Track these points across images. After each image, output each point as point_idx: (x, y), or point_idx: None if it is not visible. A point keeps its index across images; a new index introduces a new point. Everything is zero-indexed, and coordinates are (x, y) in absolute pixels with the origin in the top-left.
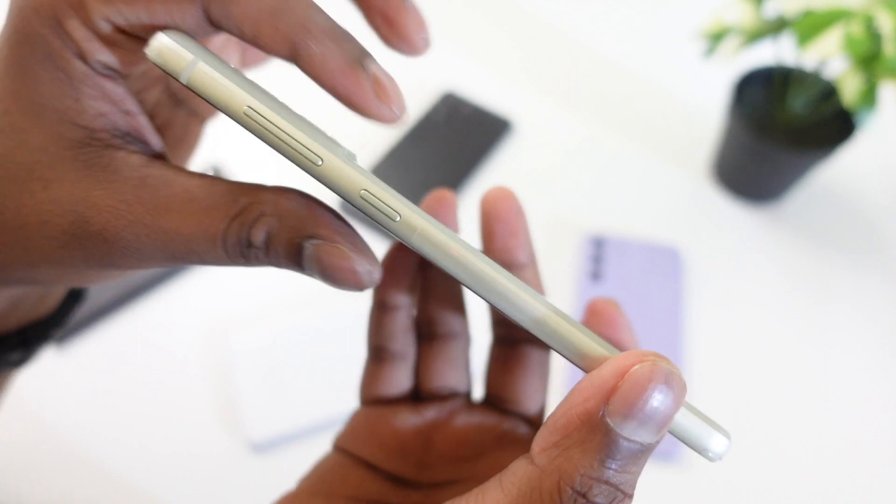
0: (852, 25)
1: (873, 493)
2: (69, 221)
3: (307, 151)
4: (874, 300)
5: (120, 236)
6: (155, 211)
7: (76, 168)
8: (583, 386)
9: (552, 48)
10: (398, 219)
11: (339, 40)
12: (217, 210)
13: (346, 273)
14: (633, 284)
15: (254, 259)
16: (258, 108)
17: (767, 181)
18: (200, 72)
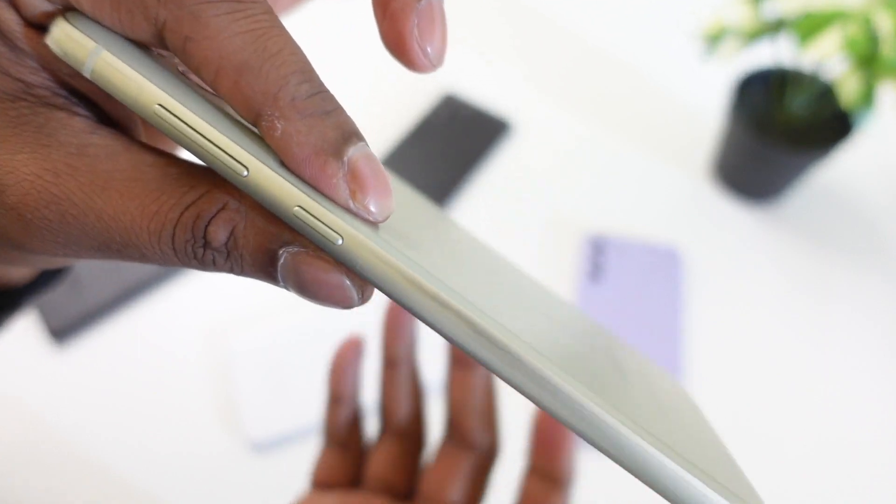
0: (851, 26)
1: (873, 492)
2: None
3: (229, 159)
4: (874, 300)
5: (40, 214)
6: (90, 187)
7: (2, 125)
8: None
9: (552, 49)
10: (339, 242)
11: (314, 119)
12: (168, 194)
13: (331, 289)
14: (633, 284)
15: (209, 263)
16: (171, 105)
17: (767, 181)
18: (104, 62)
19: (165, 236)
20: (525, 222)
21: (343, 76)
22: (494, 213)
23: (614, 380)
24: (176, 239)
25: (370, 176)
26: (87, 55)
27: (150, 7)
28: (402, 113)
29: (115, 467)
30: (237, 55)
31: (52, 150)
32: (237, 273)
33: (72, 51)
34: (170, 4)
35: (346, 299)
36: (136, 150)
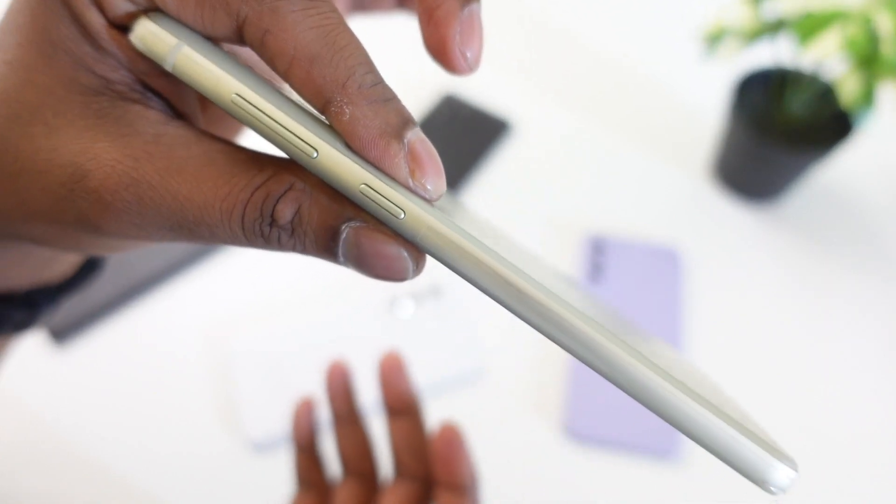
0: (850, 26)
1: (873, 492)
2: (67, 174)
3: (300, 142)
4: (874, 300)
5: (119, 196)
6: (166, 171)
7: (84, 116)
8: None
9: (552, 49)
10: (402, 216)
11: (378, 106)
12: (239, 176)
13: (391, 261)
14: (633, 284)
15: (274, 241)
16: (247, 95)
17: (767, 181)
18: (185, 56)
19: (236, 215)
20: (525, 222)
21: None
22: (494, 212)
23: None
24: (246, 217)
25: (426, 157)
26: (168, 51)
27: (232, 4)
28: None
29: (115, 467)
30: (310, 47)
31: (131, 139)
32: (300, 251)
33: (155, 47)
34: (251, 1)
35: (402, 271)
36: (206, 138)
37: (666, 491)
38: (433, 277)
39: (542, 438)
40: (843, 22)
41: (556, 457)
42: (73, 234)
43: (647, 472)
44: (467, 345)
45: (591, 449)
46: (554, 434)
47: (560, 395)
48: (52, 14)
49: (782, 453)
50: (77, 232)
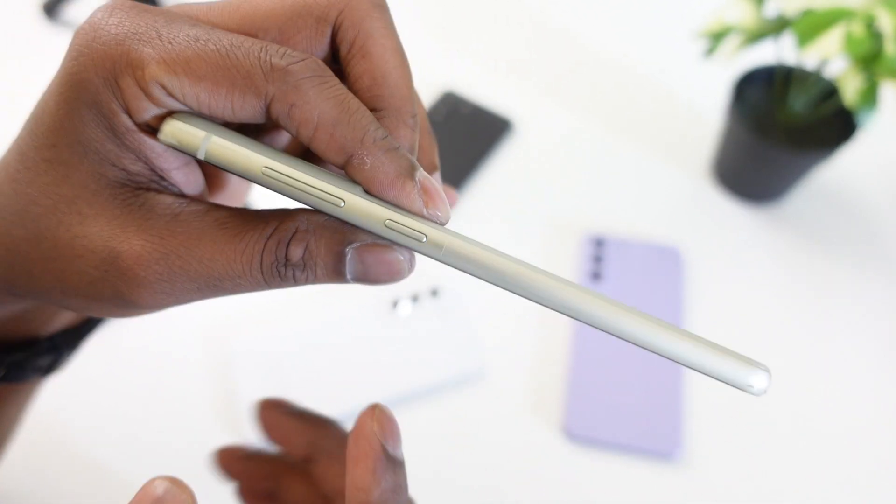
0: (853, 25)
1: (873, 491)
2: (101, 258)
3: (329, 196)
4: (874, 300)
5: (152, 270)
6: (188, 241)
7: (113, 206)
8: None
9: (552, 47)
10: (424, 239)
11: (392, 154)
12: (251, 232)
13: (392, 265)
14: (633, 284)
15: (290, 278)
16: (275, 166)
17: (767, 181)
18: (215, 145)
19: (255, 263)
20: (526, 222)
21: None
22: (495, 212)
23: None
24: (264, 263)
25: (434, 191)
26: (199, 141)
27: (259, 86)
28: None
29: (114, 467)
30: (330, 114)
31: (154, 221)
32: (312, 281)
33: (186, 140)
34: (276, 82)
35: (402, 271)
36: (215, 209)
37: (666, 491)
38: (432, 279)
39: (542, 439)
40: (845, 21)
41: (556, 458)
42: (109, 308)
43: (647, 472)
44: (467, 346)
45: (591, 450)
46: (554, 435)
47: (560, 395)
48: (85, 118)
49: (757, 362)
50: (113, 307)
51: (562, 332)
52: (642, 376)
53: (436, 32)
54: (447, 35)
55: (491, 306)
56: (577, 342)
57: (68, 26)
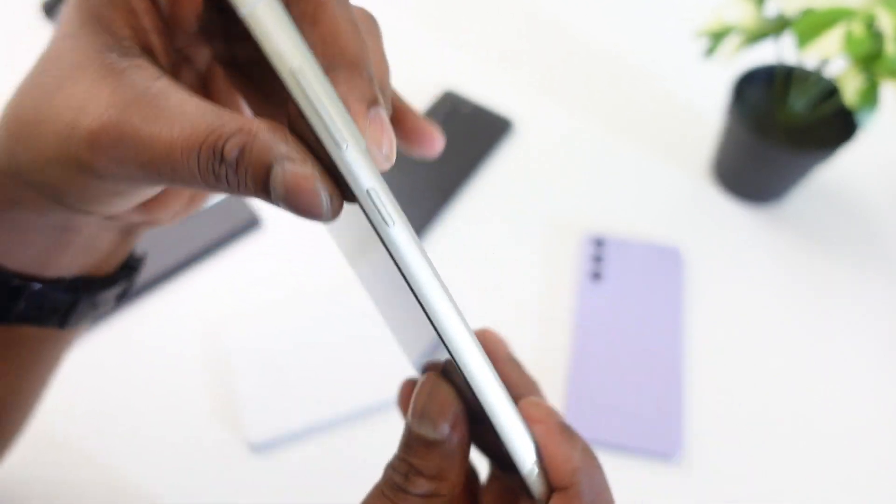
0: (853, 25)
1: (874, 491)
2: (72, 116)
3: (337, 132)
4: (875, 300)
5: (106, 133)
6: (146, 116)
7: (97, 69)
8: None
9: (552, 47)
10: (392, 225)
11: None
12: (202, 123)
13: (308, 196)
14: (633, 284)
15: (223, 179)
16: (307, 72)
17: (767, 181)
18: (266, 8)
19: (193, 154)
20: (526, 222)
21: None
22: (495, 212)
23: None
24: (201, 156)
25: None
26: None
27: None
28: None
29: (114, 467)
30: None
31: (126, 89)
32: (243, 190)
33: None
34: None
35: (318, 207)
36: (185, 93)
37: (666, 491)
38: None
39: None
40: (845, 21)
41: None
42: (74, 178)
43: (647, 472)
44: None
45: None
46: None
47: (560, 396)
48: None
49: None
50: (77, 175)
51: (562, 331)
52: (642, 377)
53: (436, 33)
54: (447, 35)
55: (490, 305)
56: (577, 342)
57: None
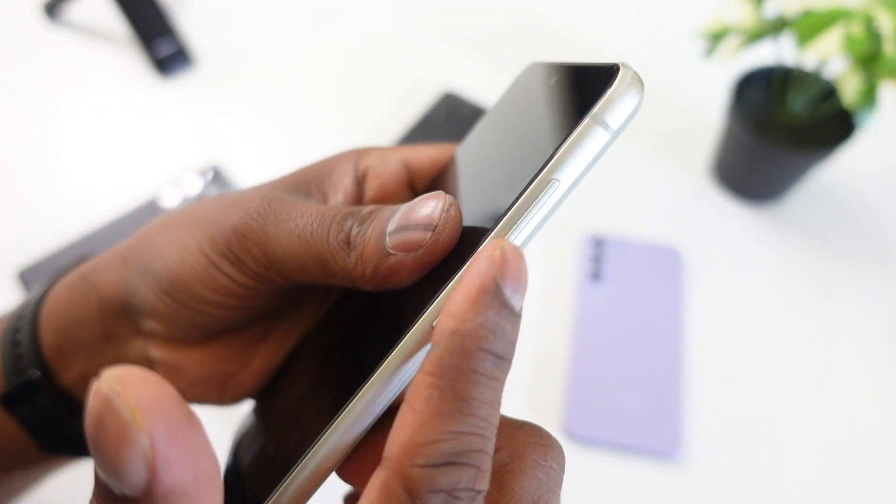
0: (852, 25)
1: (873, 491)
2: (218, 215)
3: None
4: (875, 300)
5: (248, 221)
6: (287, 212)
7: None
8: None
9: (552, 48)
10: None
11: (359, 247)
12: (336, 207)
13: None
14: (633, 284)
15: (347, 229)
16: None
17: (767, 181)
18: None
19: (327, 217)
20: None
21: (343, 73)
22: None
23: None
24: (335, 220)
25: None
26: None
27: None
28: (402, 110)
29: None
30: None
31: (290, 194)
32: (361, 246)
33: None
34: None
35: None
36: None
37: (666, 491)
38: None
39: None
40: (844, 21)
41: None
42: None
43: (647, 472)
44: None
45: (591, 449)
46: (554, 434)
47: (560, 395)
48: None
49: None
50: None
51: (562, 331)
52: (643, 376)
53: (436, 34)
54: (447, 37)
55: None
56: (577, 341)
57: (69, 26)
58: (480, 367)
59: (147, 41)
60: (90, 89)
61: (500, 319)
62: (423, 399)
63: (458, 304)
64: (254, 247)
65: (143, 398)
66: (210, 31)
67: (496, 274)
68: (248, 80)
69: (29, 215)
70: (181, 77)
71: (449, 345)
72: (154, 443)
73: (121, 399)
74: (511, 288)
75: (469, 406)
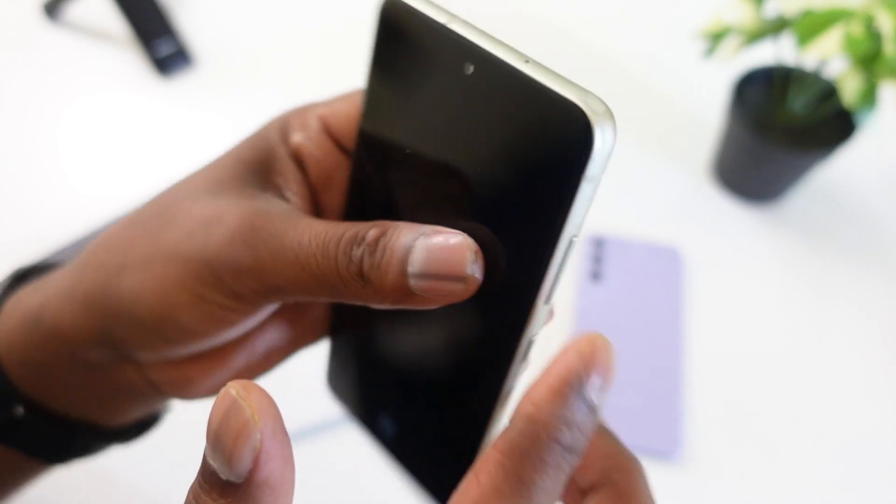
0: (852, 25)
1: (873, 492)
2: (211, 214)
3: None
4: (874, 300)
5: (247, 222)
6: (281, 219)
7: (239, 194)
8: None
9: (551, 48)
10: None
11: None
12: (341, 226)
13: (454, 252)
14: (633, 284)
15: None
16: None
17: (767, 181)
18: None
19: (333, 242)
20: None
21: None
22: None
23: None
24: (342, 243)
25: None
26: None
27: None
28: None
29: (113, 466)
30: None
31: (259, 202)
32: (376, 273)
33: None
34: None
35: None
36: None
37: (666, 491)
38: None
39: None
40: (844, 21)
41: None
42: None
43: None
44: None
45: None
46: None
47: None
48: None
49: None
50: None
51: (562, 331)
52: (643, 375)
53: None
54: None
55: None
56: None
57: (69, 26)
58: (548, 457)
59: (147, 41)
60: (90, 89)
61: (578, 414)
62: (488, 473)
63: (540, 393)
64: (250, 279)
65: (260, 404)
66: (210, 31)
67: (582, 370)
68: (248, 80)
69: (29, 215)
70: (181, 77)
71: (524, 429)
72: (263, 439)
73: (245, 401)
74: (596, 384)
75: (528, 491)
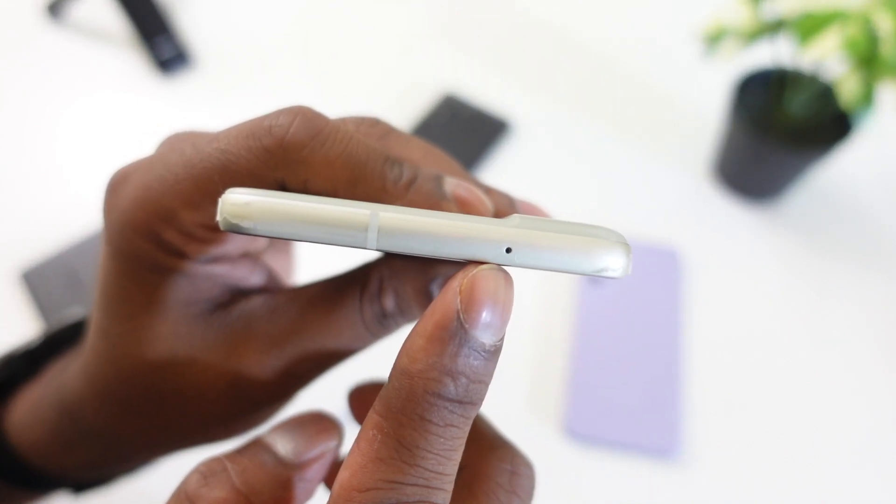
0: (850, 26)
1: (872, 492)
2: (226, 382)
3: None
4: (874, 299)
5: (272, 366)
6: (295, 328)
7: (213, 334)
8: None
9: (551, 49)
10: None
11: (415, 184)
12: (343, 300)
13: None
14: (632, 285)
15: (393, 325)
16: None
17: (767, 181)
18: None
19: (360, 326)
20: None
21: (343, 73)
22: None
23: None
24: (367, 323)
25: (471, 195)
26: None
27: (268, 176)
28: (403, 112)
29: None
30: (344, 177)
31: (256, 325)
32: (410, 320)
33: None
34: (281, 168)
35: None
36: (299, 290)
37: (666, 491)
38: None
39: (542, 437)
40: (842, 22)
41: (556, 455)
42: (250, 418)
43: (647, 471)
44: None
45: (591, 449)
46: (553, 433)
47: (560, 393)
48: (150, 281)
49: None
50: (254, 413)
51: (562, 330)
52: (642, 374)
53: (436, 37)
54: (447, 38)
55: None
56: (577, 341)
57: (71, 26)
58: (428, 414)
59: (148, 41)
60: (91, 89)
61: (463, 360)
62: (366, 439)
63: (414, 342)
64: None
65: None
66: (210, 31)
67: (462, 309)
68: (248, 80)
69: (31, 216)
70: (182, 77)
71: (396, 385)
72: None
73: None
74: (482, 322)
75: (412, 456)
